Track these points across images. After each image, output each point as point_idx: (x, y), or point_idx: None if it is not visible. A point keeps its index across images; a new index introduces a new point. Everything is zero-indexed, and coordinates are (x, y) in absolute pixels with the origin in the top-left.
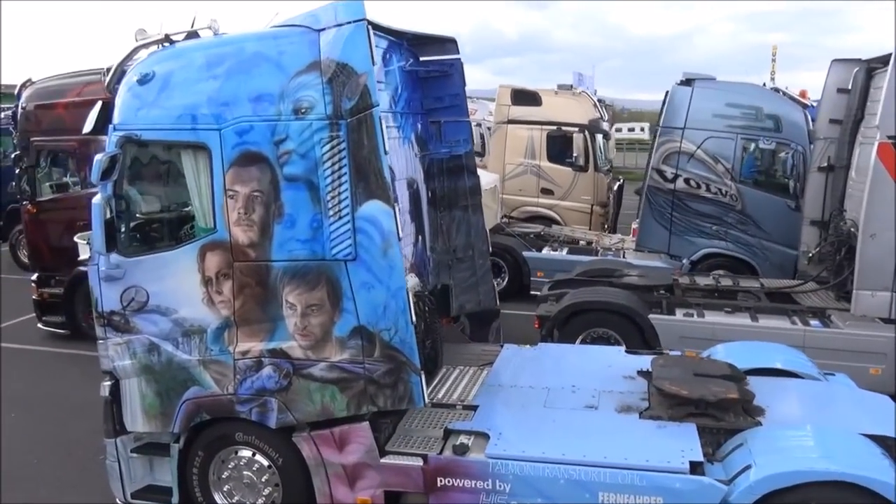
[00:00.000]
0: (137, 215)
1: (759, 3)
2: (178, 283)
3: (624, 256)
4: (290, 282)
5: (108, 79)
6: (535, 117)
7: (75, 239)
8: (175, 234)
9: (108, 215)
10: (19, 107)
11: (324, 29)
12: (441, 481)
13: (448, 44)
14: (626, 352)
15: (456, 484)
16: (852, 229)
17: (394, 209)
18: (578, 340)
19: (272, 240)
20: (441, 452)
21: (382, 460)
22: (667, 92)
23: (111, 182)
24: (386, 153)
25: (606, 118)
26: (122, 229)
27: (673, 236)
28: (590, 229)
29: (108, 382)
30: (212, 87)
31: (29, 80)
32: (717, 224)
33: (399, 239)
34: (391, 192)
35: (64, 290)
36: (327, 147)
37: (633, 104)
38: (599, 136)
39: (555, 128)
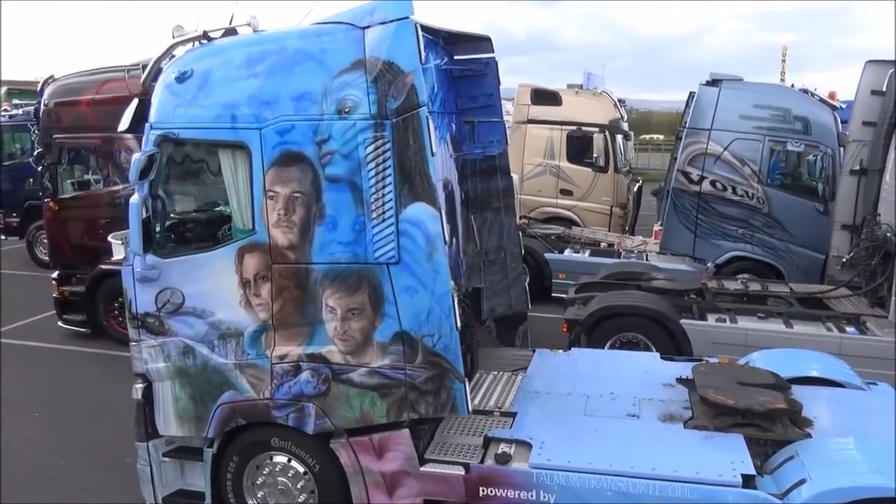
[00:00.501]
0: (173, 215)
1: (768, 2)
2: (215, 285)
3: (647, 259)
4: (331, 285)
5: (144, 76)
6: (554, 117)
7: (110, 238)
8: (212, 235)
9: (145, 215)
10: (41, 103)
11: (368, 26)
12: (483, 491)
13: (483, 42)
14: (662, 358)
15: (499, 494)
16: (888, 234)
17: (440, 212)
18: (608, 345)
19: (313, 242)
20: (482, 461)
21: (423, 468)
22: (691, 92)
23: (148, 181)
24: (433, 154)
25: (625, 118)
26: (158, 230)
27: (698, 239)
28: (609, 231)
29: (141, 385)
30: (252, 86)
31: (51, 76)
32: (743, 227)
33: (445, 243)
34: (437, 194)
35: (86, 288)
36: (371, 148)
37: (641, 104)
38: (619, 137)
39: (575, 128)
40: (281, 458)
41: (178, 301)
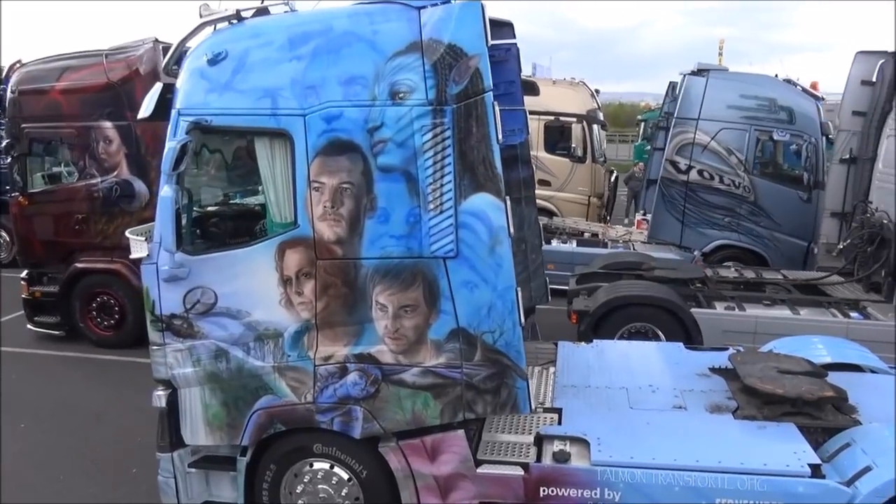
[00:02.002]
0: (205, 209)
1: None
2: (252, 283)
3: (633, 248)
4: (382, 281)
5: (166, 59)
6: (532, 107)
7: (127, 234)
8: (248, 230)
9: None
10: (8, 90)
11: (424, 6)
12: (544, 491)
13: (504, 28)
14: (686, 347)
15: (561, 493)
16: (885, 221)
17: (505, 203)
18: (618, 335)
19: (362, 236)
20: (538, 460)
21: (479, 470)
22: (671, 83)
23: (178, 173)
24: (499, 142)
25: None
26: (185, 225)
27: (685, 228)
28: (587, 220)
29: (163, 392)
30: (295, 69)
31: (18, 61)
32: (729, 216)
33: (510, 235)
34: (502, 184)
35: (60, 287)
36: (429, 135)
37: None
38: (596, 127)
39: (552, 118)
40: (322, 465)
41: (210, 301)
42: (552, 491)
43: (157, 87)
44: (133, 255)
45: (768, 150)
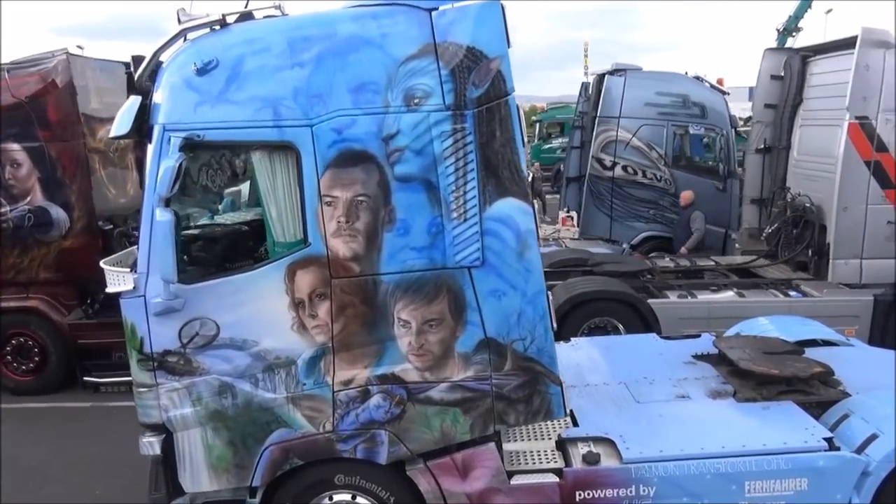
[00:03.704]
0: (197, 233)
1: (569, 2)
2: (259, 309)
3: (564, 245)
4: (404, 296)
5: (140, 70)
6: None
7: (102, 265)
8: (248, 252)
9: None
10: None
11: (436, 8)
12: (580, 495)
13: None
14: (661, 338)
15: (597, 495)
16: (806, 204)
17: (532, 207)
18: (580, 331)
19: (381, 250)
20: (568, 465)
21: (512, 482)
22: (583, 83)
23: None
24: (524, 144)
25: None
26: (179, 251)
27: (614, 222)
28: None
29: (155, 438)
30: (298, 76)
31: None
32: (653, 208)
33: (538, 239)
34: (528, 187)
35: None
36: (449, 141)
37: None
38: None
39: None
40: (343, 497)
41: (211, 333)
42: (588, 494)
43: (134, 102)
44: (112, 289)
45: (685, 143)
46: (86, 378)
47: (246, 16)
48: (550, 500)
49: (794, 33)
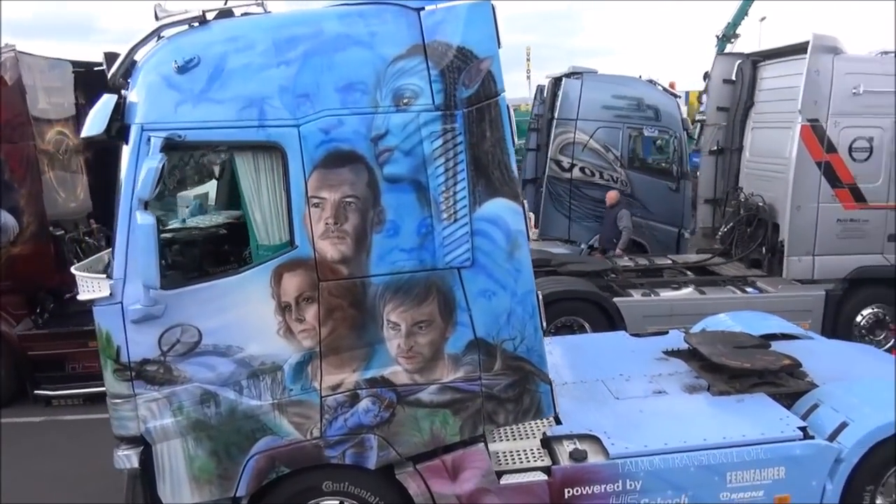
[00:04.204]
0: (172, 236)
1: (511, 2)
2: (244, 314)
3: None
4: (393, 298)
5: (114, 68)
6: None
7: (74, 271)
8: (228, 256)
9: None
10: None
11: (422, 7)
12: (569, 492)
13: None
14: (630, 335)
15: (585, 492)
16: (759, 204)
17: (523, 206)
18: (546, 331)
19: (370, 252)
20: (554, 463)
21: (502, 482)
22: (539, 86)
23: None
24: (514, 144)
25: None
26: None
27: (572, 223)
28: None
29: (132, 450)
30: (284, 75)
31: None
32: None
33: (528, 239)
34: (519, 187)
35: None
36: (439, 142)
37: None
38: None
39: None
40: (331, 503)
41: (193, 340)
42: (577, 491)
43: (109, 100)
44: (84, 297)
45: (640, 145)
46: (37, 391)
47: (226, 13)
48: (540, 498)
49: (732, 39)
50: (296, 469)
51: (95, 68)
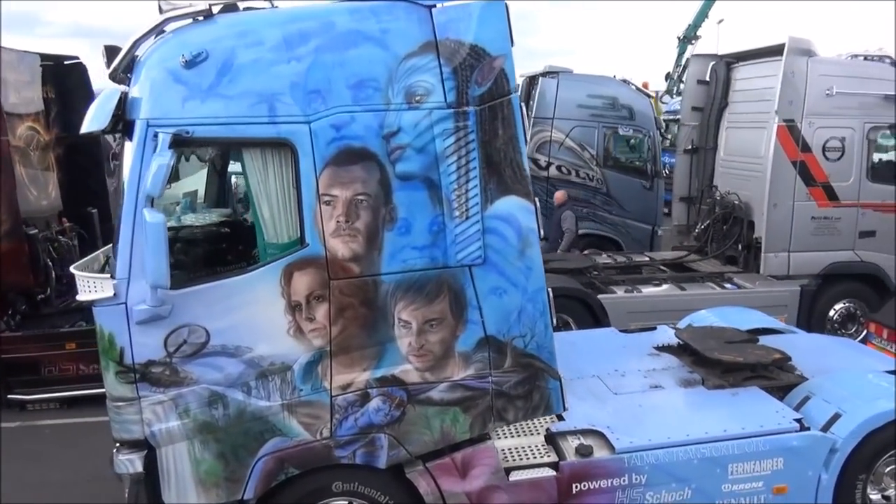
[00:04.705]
0: (179, 234)
1: None
2: (253, 313)
3: None
4: (404, 296)
5: (116, 62)
6: None
7: (73, 271)
8: (236, 254)
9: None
10: None
11: (434, 5)
12: (576, 487)
13: None
14: (619, 331)
15: (592, 487)
16: (735, 202)
17: (534, 204)
18: None
19: (382, 250)
20: (560, 458)
21: (511, 478)
22: None
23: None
24: (526, 142)
25: None
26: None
27: (549, 221)
28: None
29: (135, 454)
30: (295, 71)
31: None
32: (587, 207)
33: (540, 237)
34: (531, 185)
35: None
36: (451, 139)
37: None
38: None
39: None
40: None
41: (200, 340)
42: (584, 486)
43: (112, 94)
44: (85, 298)
45: (614, 144)
46: (10, 395)
47: (230, 7)
48: (548, 494)
49: (693, 41)
50: (305, 470)
51: (66, 62)
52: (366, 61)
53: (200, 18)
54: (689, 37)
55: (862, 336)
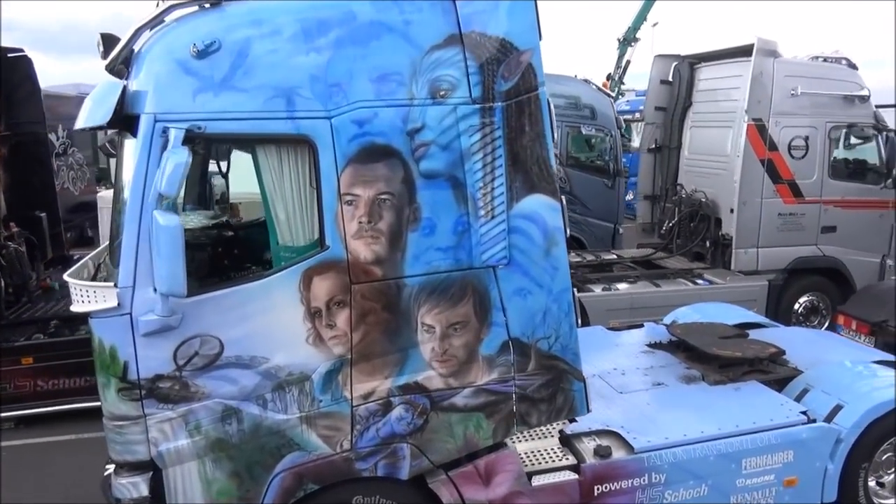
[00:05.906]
0: (189, 237)
1: None
2: (270, 321)
3: None
4: (428, 299)
5: (114, 53)
6: None
7: (67, 279)
8: (255, 259)
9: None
10: None
11: None
12: (598, 489)
13: None
14: (608, 329)
15: (613, 488)
16: (702, 200)
17: (561, 203)
18: None
19: (405, 251)
20: (578, 460)
21: (534, 483)
22: None
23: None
24: (554, 139)
25: None
26: None
27: None
28: None
29: (139, 477)
30: (314, 63)
31: None
32: None
33: (566, 236)
34: (557, 183)
35: None
36: (477, 136)
37: None
38: None
39: None
40: None
41: (214, 351)
42: (606, 487)
43: (113, 87)
44: (81, 308)
45: (577, 143)
46: None
47: None
48: (570, 497)
49: (632, 43)
50: (325, 485)
51: (9, 55)
52: (389, 53)
53: (207, 6)
54: (628, 39)
55: (825, 327)
